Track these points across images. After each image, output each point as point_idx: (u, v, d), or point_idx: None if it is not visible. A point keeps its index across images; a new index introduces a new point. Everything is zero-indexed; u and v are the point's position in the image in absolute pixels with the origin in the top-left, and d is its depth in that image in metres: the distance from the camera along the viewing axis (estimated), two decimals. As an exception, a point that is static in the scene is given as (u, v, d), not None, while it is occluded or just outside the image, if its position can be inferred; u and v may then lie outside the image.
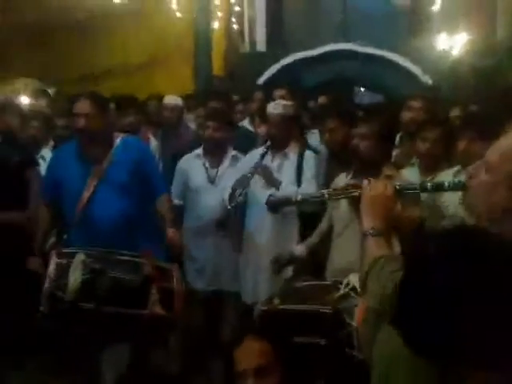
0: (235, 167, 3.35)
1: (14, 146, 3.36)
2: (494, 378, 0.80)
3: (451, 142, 2.72)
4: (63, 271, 2.33)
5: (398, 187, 1.47)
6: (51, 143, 3.91)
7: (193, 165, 3.42)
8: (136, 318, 2.32)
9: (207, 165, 3.44)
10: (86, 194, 2.75)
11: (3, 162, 3.19)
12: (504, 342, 0.76)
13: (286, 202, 1.97)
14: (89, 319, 2.30)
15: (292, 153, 3.25)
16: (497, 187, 1.12)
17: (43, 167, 3.60)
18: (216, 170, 3.40)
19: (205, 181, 3.37)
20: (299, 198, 2.03)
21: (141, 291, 2.34)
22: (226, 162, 3.43)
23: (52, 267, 2.36)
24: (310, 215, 3.15)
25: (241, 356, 1.63)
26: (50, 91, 5.00)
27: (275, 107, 3.29)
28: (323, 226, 2.81)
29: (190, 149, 3.58)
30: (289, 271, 2.95)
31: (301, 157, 3.22)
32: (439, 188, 1.45)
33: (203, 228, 3.34)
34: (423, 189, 1.49)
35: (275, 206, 2.03)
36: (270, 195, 2.37)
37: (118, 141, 2.85)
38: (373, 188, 1.46)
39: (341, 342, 1.87)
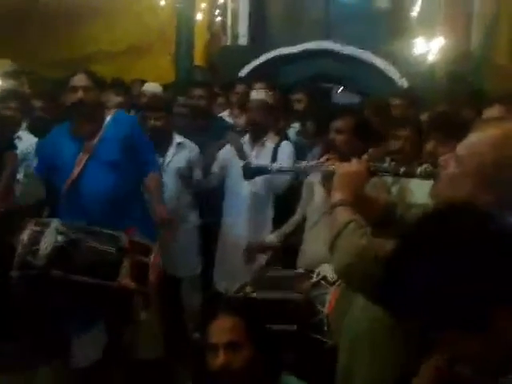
0: (181, 154, 3.44)
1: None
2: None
3: (421, 141, 2.82)
4: (37, 238, 2.33)
5: (372, 168, 1.51)
6: (27, 124, 3.88)
7: None
8: (105, 289, 2.31)
9: None
10: (76, 170, 2.75)
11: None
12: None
13: (262, 169, 2.00)
14: (58, 287, 2.30)
15: (269, 143, 3.35)
16: (464, 179, 1.19)
17: (20, 148, 3.60)
18: (162, 158, 3.43)
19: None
20: (276, 167, 2.07)
21: (114, 263, 2.34)
22: (172, 149, 3.47)
23: (26, 233, 2.35)
24: (284, 205, 3.24)
25: (213, 330, 1.67)
26: (24, 73, 4.93)
27: (257, 94, 3.42)
28: (296, 216, 2.90)
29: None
30: (261, 260, 3.03)
31: (277, 146, 3.31)
32: (411, 174, 1.48)
33: None
34: (395, 173, 1.54)
35: (251, 173, 2.07)
36: (247, 161, 2.42)
37: (109, 117, 2.86)
38: (348, 164, 1.50)
39: (311, 328, 1.94)
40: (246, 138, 3.42)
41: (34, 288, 2.35)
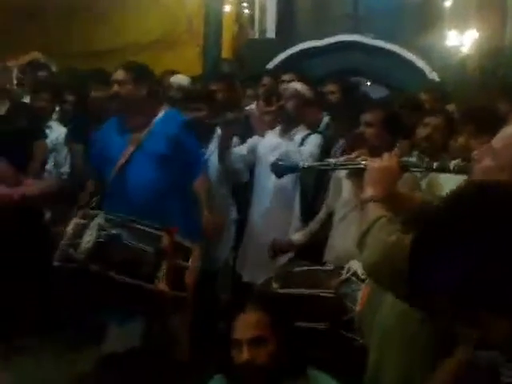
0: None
1: (25, 115, 3.41)
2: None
3: (450, 132, 2.75)
4: (80, 231, 2.35)
5: (404, 163, 1.49)
6: (57, 115, 3.94)
7: None
8: (142, 290, 2.34)
9: None
10: (121, 162, 2.79)
11: (13, 131, 3.24)
12: None
13: (292, 168, 1.98)
14: (96, 281, 2.32)
15: (298, 135, 3.30)
16: (500, 172, 1.15)
17: (50, 138, 3.66)
18: (205, 150, 3.37)
19: None
20: (306, 164, 2.03)
21: (153, 264, 2.35)
22: (214, 142, 3.40)
23: (71, 225, 2.38)
24: (311, 202, 3.19)
25: (238, 325, 1.66)
26: (54, 66, 5.00)
27: (293, 84, 3.38)
28: (323, 212, 2.86)
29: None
30: (285, 256, 3.00)
31: (306, 137, 3.26)
32: (445, 169, 1.45)
33: None
34: (429, 168, 1.50)
35: (280, 171, 2.06)
36: (277, 159, 2.40)
37: (161, 113, 2.86)
38: (379, 160, 1.48)
39: (342, 326, 1.91)
40: (276, 130, 3.38)
41: (74, 280, 2.37)
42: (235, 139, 3.43)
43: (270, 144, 3.27)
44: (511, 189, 0.84)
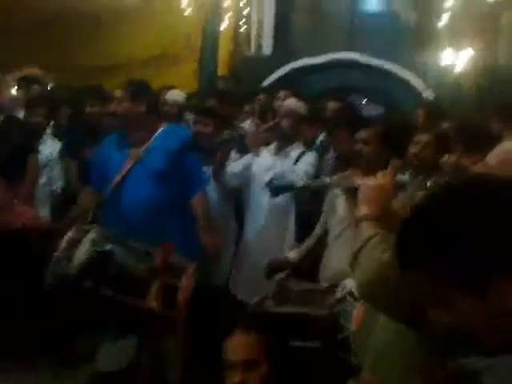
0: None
1: (18, 130, 3.39)
2: None
3: (443, 150, 2.75)
4: (74, 245, 2.32)
5: (398, 182, 1.49)
6: (52, 129, 3.93)
7: None
8: (133, 308, 2.30)
9: None
10: (118, 177, 2.77)
11: (7, 144, 3.23)
12: None
13: (287, 187, 1.95)
14: (88, 297, 2.29)
15: (294, 152, 3.28)
16: None
17: (44, 153, 3.63)
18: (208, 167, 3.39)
19: None
20: (301, 184, 2.02)
21: (144, 282, 2.31)
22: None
23: (65, 240, 2.35)
24: (306, 219, 3.17)
25: (230, 346, 1.63)
26: (52, 81, 5.01)
27: (288, 101, 3.37)
28: (318, 231, 2.84)
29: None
30: (281, 274, 2.96)
31: (301, 155, 3.25)
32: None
33: None
34: (423, 186, 1.50)
35: (276, 190, 2.04)
36: (272, 178, 2.38)
37: (161, 129, 2.86)
38: (377, 178, 1.47)
39: (336, 345, 1.88)
40: (271, 146, 3.37)
41: (66, 296, 2.33)
42: (234, 154, 3.42)
43: (264, 164, 3.25)
44: (505, 182, 0.86)
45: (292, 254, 2.84)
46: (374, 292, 1.25)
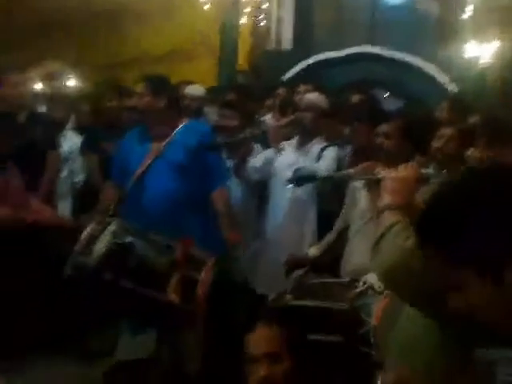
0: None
1: (41, 125, 3.44)
2: None
3: (468, 144, 2.68)
4: (94, 238, 2.33)
5: (422, 174, 1.49)
6: (72, 124, 3.97)
7: None
8: (153, 300, 2.29)
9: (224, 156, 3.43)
10: (140, 170, 2.79)
11: (28, 141, 3.27)
12: None
13: (311, 177, 1.95)
14: (108, 289, 2.29)
15: (315, 147, 3.24)
16: None
17: (65, 147, 3.68)
18: (232, 160, 3.38)
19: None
20: (324, 174, 2.02)
21: (164, 275, 2.31)
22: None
23: (86, 232, 2.36)
24: (327, 213, 3.13)
25: (252, 341, 1.61)
26: (73, 77, 5.06)
27: (309, 95, 3.36)
28: (338, 225, 2.80)
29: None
30: (300, 271, 2.93)
31: (322, 150, 3.21)
32: None
33: None
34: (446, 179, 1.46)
35: (299, 180, 2.04)
36: (297, 169, 2.37)
37: (182, 123, 2.88)
38: (400, 169, 1.47)
39: (356, 339, 1.85)
40: (293, 141, 3.33)
41: (85, 288, 2.35)
42: (257, 148, 3.40)
43: (286, 160, 3.22)
44: None
45: (312, 251, 2.82)
46: (397, 279, 1.23)
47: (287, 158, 3.25)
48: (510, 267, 0.77)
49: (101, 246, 2.30)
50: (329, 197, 3.16)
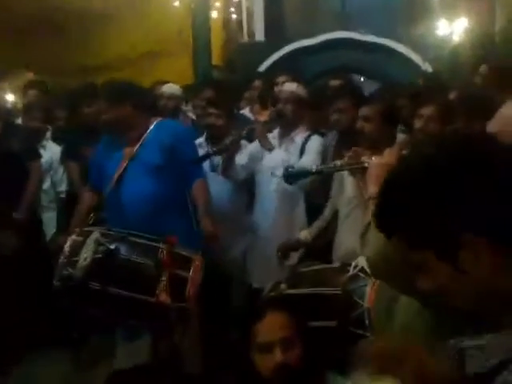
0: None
1: (18, 137, 3.39)
2: None
3: (447, 121, 2.70)
4: (78, 248, 2.32)
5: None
6: (50, 133, 3.91)
7: None
8: (143, 303, 2.28)
9: (210, 152, 3.42)
10: (116, 175, 2.76)
11: (6, 153, 3.22)
12: None
13: (304, 173, 1.96)
14: (97, 300, 2.28)
15: (299, 137, 3.24)
16: None
17: (44, 158, 3.63)
18: (217, 158, 3.38)
19: (208, 169, 3.34)
20: (314, 168, 2.04)
21: (152, 277, 2.30)
22: None
23: (68, 243, 2.34)
24: (316, 204, 3.14)
25: (264, 328, 1.61)
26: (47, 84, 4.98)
27: (288, 86, 3.31)
28: (327, 211, 2.82)
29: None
30: (294, 257, 2.95)
31: (306, 140, 3.21)
32: None
33: None
34: None
35: (292, 177, 2.05)
36: (288, 167, 2.39)
37: (154, 123, 2.85)
38: (384, 155, 1.48)
39: (350, 322, 1.86)
40: (275, 132, 3.33)
41: (75, 299, 2.33)
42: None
43: (272, 155, 3.21)
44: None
45: (303, 234, 2.83)
46: (379, 269, 1.24)
47: (274, 158, 3.23)
48: (465, 249, 0.76)
49: (85, 256, 2.29)
50: (316, 187, 3.17)
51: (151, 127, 2.84)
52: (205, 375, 2.80)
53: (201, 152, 3.36)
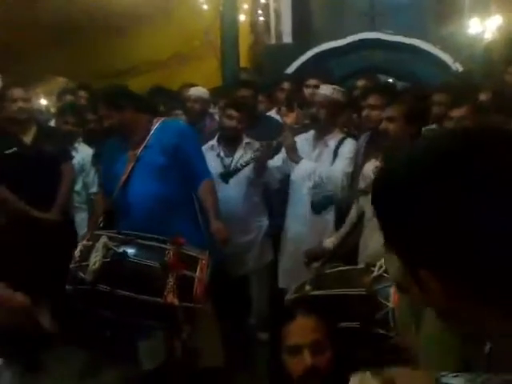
0: (248, 154, 3.35)
1: (50, 139, 3.49)
2: None
3: (478, 121, 2.66)
4: (87, 253, 2.37)
5: None
6: (82, 137, 4.01)
7: (207, 156, 3.30)
8: (152, 304, 2.31)
9: (222, 154, 3.45)
10: (123, 178, 2.81)
11: (40, 156, 3.33)
12: None
13: (329, 200, 1.93)
14: (107, 301, 2.32)
15: (332, 141, 3.24)
16: None
17: (76, 160, 3.73)
18: (231, 158, 3.40)
19: (220, 171, 3.34)
20: (340, 195, 2.02)
21: (159, 278, 2.33)
22: (241, 150, 3.44)
23: (78, 248, 2.41)
24: (345, 204, 3.13)
25: (294, 331, 1.62)
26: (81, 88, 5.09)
27: (323, 89, 3.29)
28: (353, 214, 2.81)
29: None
30: (317, 263, 2.95)
31: (340, 143, 3.20)
32: None
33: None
34: None
35: (319, 207, 2.03)
36: (312, 187, 2.36)
37: (156, 125, 2.88)
38: None
39: (375, 323, 1.86)
40: (310, 135, 3.33)
41: (86, 301, 2.39)
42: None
43: (304, 168, 3.21)
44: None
45: (328, 241, 2.83)
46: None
47: (305, 166, 3.22)
48: (425, 267, 0.71)
49: (94, 260, 2.34)
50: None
51: (154, 128, 2.87)
52: (224, 370, 2.82)
53: (211, 153, 3.41)
